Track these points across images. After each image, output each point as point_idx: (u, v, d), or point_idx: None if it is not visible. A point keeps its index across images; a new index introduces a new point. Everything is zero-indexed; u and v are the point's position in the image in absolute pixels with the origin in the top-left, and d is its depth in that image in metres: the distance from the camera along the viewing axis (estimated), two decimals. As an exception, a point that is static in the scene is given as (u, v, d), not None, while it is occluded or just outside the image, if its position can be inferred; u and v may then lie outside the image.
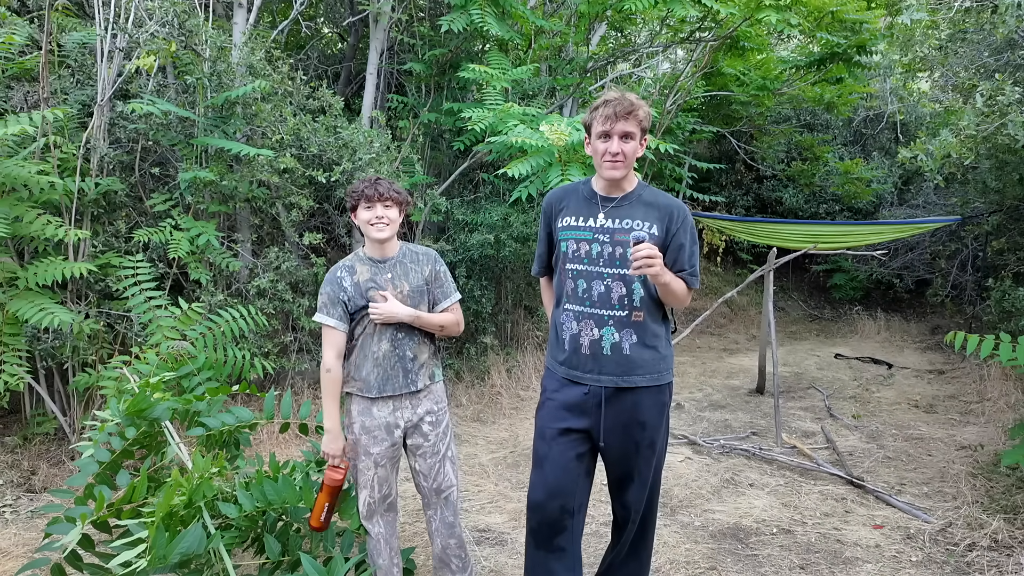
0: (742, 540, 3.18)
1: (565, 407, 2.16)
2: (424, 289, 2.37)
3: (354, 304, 2.30)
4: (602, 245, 2.11)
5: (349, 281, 2.31)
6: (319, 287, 4.82)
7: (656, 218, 2.10)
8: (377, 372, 2.30)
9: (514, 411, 5.29)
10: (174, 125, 4.44)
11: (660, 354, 2.15)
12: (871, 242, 7.67)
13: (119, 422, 2.50)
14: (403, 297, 2.31)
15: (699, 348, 8.22)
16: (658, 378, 2.13)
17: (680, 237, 2.11)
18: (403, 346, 2.32)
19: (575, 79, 6.16)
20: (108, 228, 4.22)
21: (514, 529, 3.27)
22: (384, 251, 2.35)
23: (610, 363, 2.10)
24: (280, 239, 5.08)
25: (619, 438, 2.14)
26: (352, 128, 4.74)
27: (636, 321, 2.11)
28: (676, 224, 2.11)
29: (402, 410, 2.34)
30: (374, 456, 2.32)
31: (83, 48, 4.54)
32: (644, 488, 2.21)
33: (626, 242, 2.08)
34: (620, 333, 2.10)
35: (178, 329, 3.52)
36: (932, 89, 10.87)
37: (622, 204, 2.13)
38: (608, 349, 2.10)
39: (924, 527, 3.29)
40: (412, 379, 2.33)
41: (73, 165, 3.94)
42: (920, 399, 5.78)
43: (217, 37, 4.40)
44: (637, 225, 2.09)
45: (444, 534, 2.44)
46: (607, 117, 2.04)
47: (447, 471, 2.42)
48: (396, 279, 2.33)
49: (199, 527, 1.96)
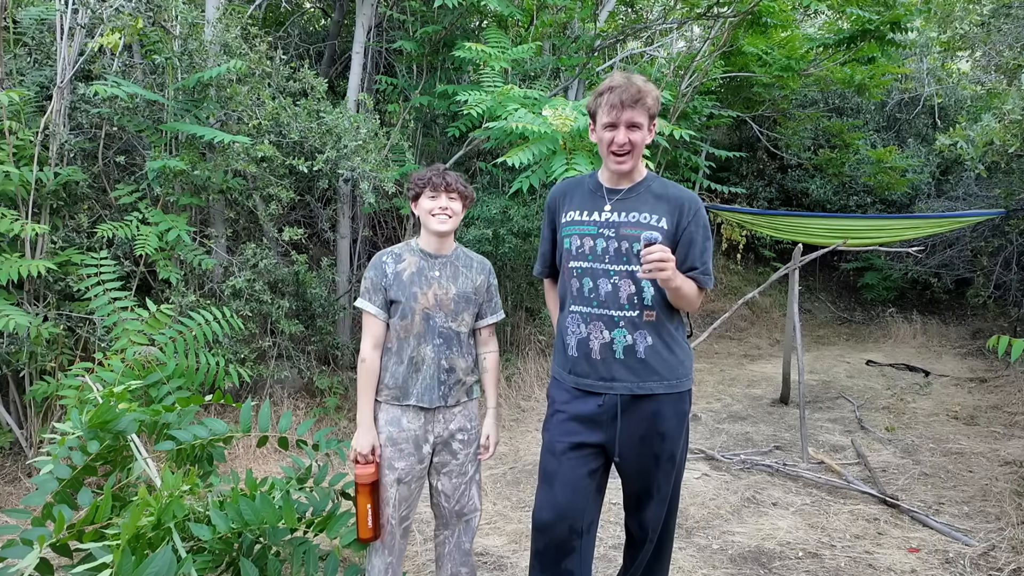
0: (764, 565, 3.19)
1: (577, 419, 2.15)
2: (471, 298, 2.39)
3: (392, 294, 2.31)
4: (607, 240, 2.12)
5: (392, 268, 2.33)
6: (300, 287, 4.88)
7: (666, 211, 2.12)
8: (417, 380, 2.31)
9: (514, 423, 5.30)
10: (141, 109, 4.44)
11: (678, 357, 2.15)
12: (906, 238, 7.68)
13: (81, 435, 2.50)
14: (447, 300, 2.33)
15: (717, 354, 8.23)
16: (677, 384, 2.14)
17: (691, 232, 2.12)
18: (444, 355, 2.34)
19: (581, 59, 6.17)
20: (69, 222, 4.22)
21: (514, 553, 3.28)
22: (440, 246, 2.38)
23: (624, 369, 2.10)
24: (258, 234, 5.08)
25: (636, 451, 2.13)
26: (336, 112, 4.74)
27: (649, 321, 2.11)
28: (687, 217, 2.12)
29: (434, 424, 2.35)
30: (398, 472, 2.32)
31: (41, 24, 4.54)
32: (663, 505, 2.22)
33: (633, 236, 2.09)
34: (633, 335, 2.10)
35: (145, 333, 3.52)
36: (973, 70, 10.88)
37: (629, 196, 2.15)
38: (621, 353, 2.10)
39: (964, 550, 3.30)
40: (451, 392, 2.36)
41: (30, 153, 3.94)
42: (960, 410, 5.79)
43: (188, 13, 4.40)
44: (644, 218, 2.10)
45: (457, 560, 2.45)
46: (612, 106, 2.05)
47: (472, 494, 2.44)
48: (444, 279, 2.35)
49: (169, 550, 1.96)
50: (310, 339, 5.22)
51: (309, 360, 5.18)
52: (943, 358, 7.96)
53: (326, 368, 5.39)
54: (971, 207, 9.00)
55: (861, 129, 10.45)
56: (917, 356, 8.05)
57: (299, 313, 5.03)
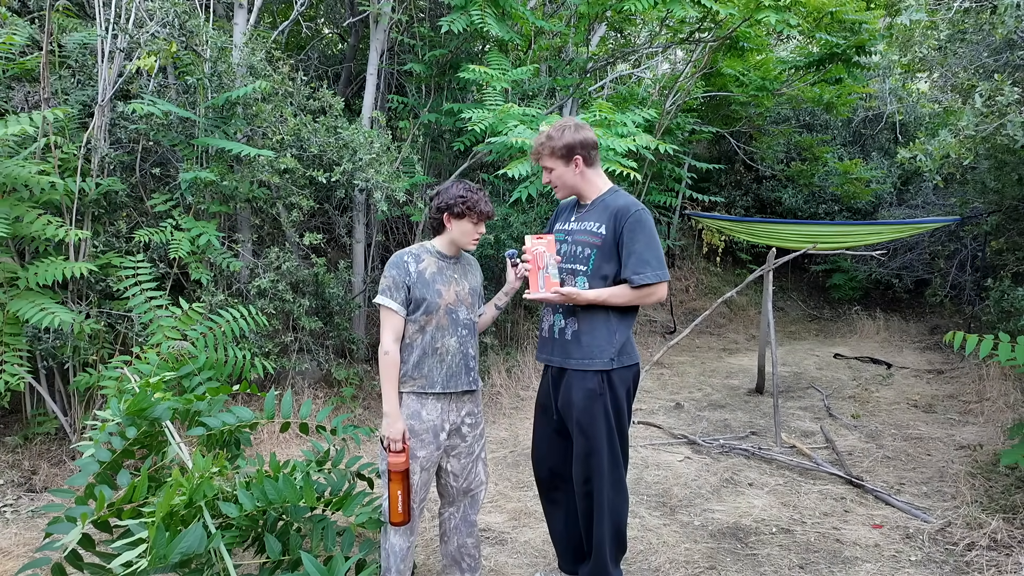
0: (741, 540, 3.18)
1: (541, 387, 2.61)
2: (478, 292, 2.47)
3: (418, 292, 2.30)
4: (568, 245, 2.43)
5: (414, 267, 2.33)
6: (319, 287, 4.88)
7: (605, 219, 2.36)
8: (442, 368, 2.32)
9: (514, 411, 5.29)
10: (175, 125, 4.44)
11: (596, 341, 2.36)
12: (870, 242, 7.67)
13: (120, 422, 2.50)
14: (465, 295, 2.38)
15: (699, 348, 8.22)
16: (589, 363, 2.35)
17: (624, 237, 2.31)
18: (467, 344, 2.37)
19: (575, 79, 6.16)
20: (109, 228, 4.21)
21: (514, 528, 3.27)
22: (456, 252, 2.43)
23: (557, 347, 2.42)
24: (281, 239, 5.08)
25: (564, 414, 2.46)
26: (352, 128, 4.74)
27: (577, 309, 2.38)
28: (621, 223, 2.32)
29: (450, 412, 2.36)
30: (420, 460, 2.31)
31: (84, 48, 4.53)
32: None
33: (581, 242, 2.38)
34: (565, 320, 2.39)
35: (179, 329, 3.52)
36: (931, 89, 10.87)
37: (589, 209, 2.44)
38: (556, 333, 2.43)
39: (923, 527, 3.29)
40: (474, 377, 2.40)
41: (74, 165, 3.94)
42: (919, 399, 5.78)
43: (217, 38, 4.40)
44: (589, 226, 2.39)
45: (463, 532, 2.45)
46: (533, 158, 2.46)
47: (479, 471, 2.46)
48: (460, 278, 2.40)
49: (199, 527, 1.95)
50: (328, 334, 5.22)
51: (327, 353, 5.18)
52: (904, 352, 7.95)
53: (343, 361, 5.39)
54: (929, 215, 9.00)
55: (829, 143, 10.43)
56: (880, 350, 8.04)
57: (318, 311, 5.03)
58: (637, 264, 2.29)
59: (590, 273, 2.35)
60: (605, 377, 2.34)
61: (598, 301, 2.31)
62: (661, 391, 6.06)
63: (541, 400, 2.57)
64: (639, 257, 2.29)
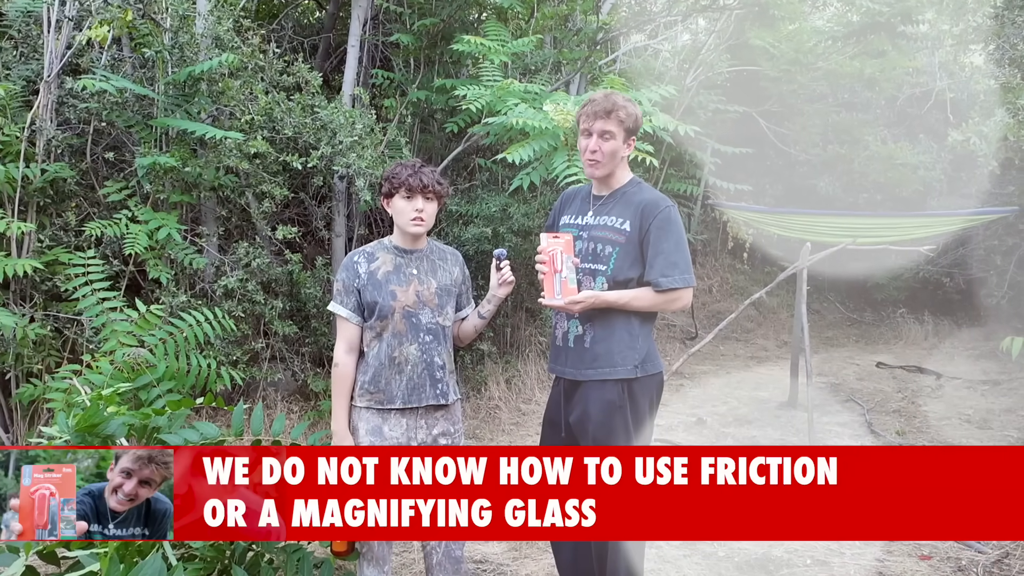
0: (772, 572, 3.18)
1: (550, 400, 2.57)
2: (452, 290, 2.43)
3: (368, 296, 2.30)
4: (583, 242, 2.39)
5: (365, 268, 2.33)
6: (294, 287, 4.88)
7: (631, 215, 2.34)
8: (401, 381, 2.30)
9: (514, 427, 5.29)
10: (130, 104, 4.44)
11: (618, 349, 2.35)
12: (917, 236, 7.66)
13: (68, 439, 2.49)
14: (429, 295, 2.35)
15: (723, 356, 8.22)
16: (611, 372, 2.34)
17: (651, 235, 2.30)
18: (432, 352, 2.33)
19: (583, 52, 6.16)
20: (56, 220, 4.21)
21: (515, 560, 3.27)
22: (415, 242, 2.41)
23: (572, 356, 2.40)
24: (250, 233, 5.08)
25: (578, 430, 2.43)
26: (331, 107, 4.74)
27: (597, 314, 2.34)
28: (648, 220, 2.31)
29: (417, 430, 2.35)
30: None
31: (27, 17, 4.53)
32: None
33: (601, 239, 2.35)
34: (583, 326, 2.36)
35: (135, 334, 3.51)
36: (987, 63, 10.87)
37: (608, 201, 2.42)
38: (572, 342, 2.40)
39: (977, 558, 3.29)
40: (442, 390, 2.36)
41: (16, 149, 3.94)
42: (973, 413, 5.78)
43: (179, 5, 4.40)
44: (612, 221, 2.36)
45: (448, 570, 2.44)
46: (587, 115, 2.33)
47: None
48: (423, 275, 2.37)
49: (158, 558, 1.95)
50: (304, 341, 5.22)
51: (303, 362, 5.18)
52: (955, 360, 7.95)
53: (321, 371, 5.39)
54: (984, 205, 8.98)
55: (871, 124, 10.43)
56: (929, 358, 8.05)
57: (293, 314, 5.03)
58: (665, 266, 2.29)
59: (610, 274, 2.34)
60: (626, 387, 2.34)
61: (619, 304, 2.31)
62: (681, 404, 6.06)
63: (549, 415, 2.56)
64: (667, 258, 2.29)
